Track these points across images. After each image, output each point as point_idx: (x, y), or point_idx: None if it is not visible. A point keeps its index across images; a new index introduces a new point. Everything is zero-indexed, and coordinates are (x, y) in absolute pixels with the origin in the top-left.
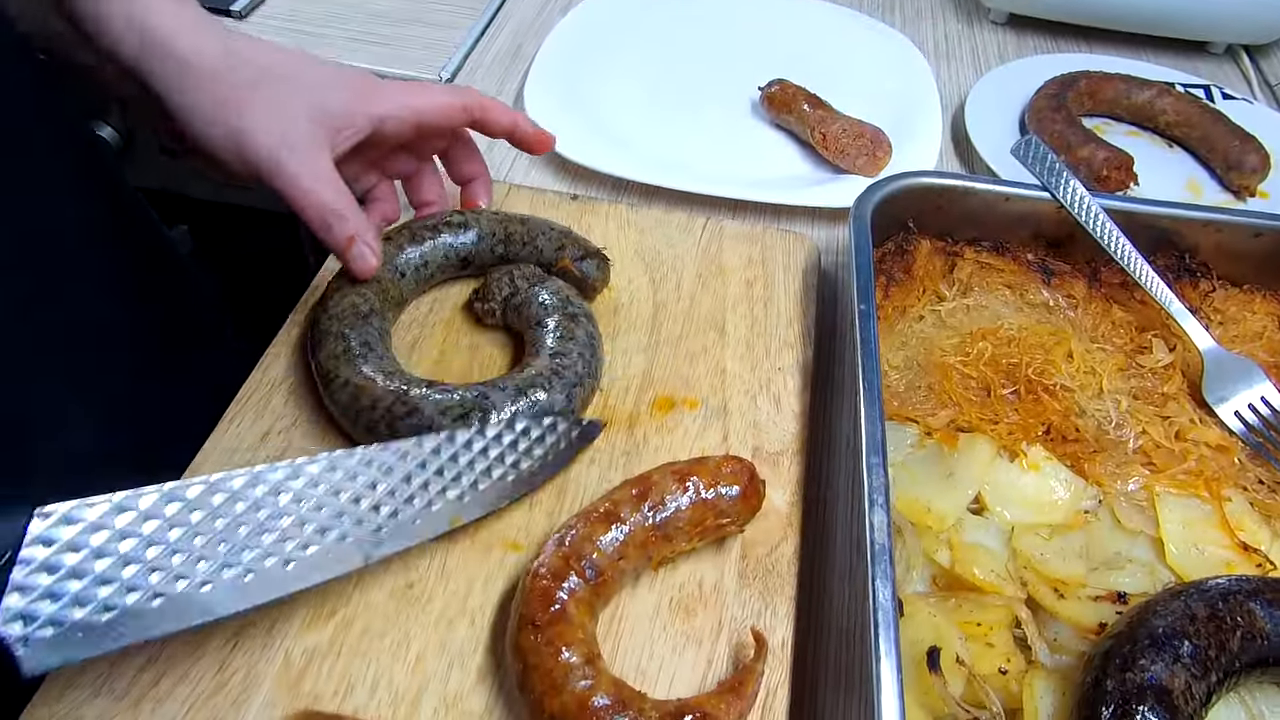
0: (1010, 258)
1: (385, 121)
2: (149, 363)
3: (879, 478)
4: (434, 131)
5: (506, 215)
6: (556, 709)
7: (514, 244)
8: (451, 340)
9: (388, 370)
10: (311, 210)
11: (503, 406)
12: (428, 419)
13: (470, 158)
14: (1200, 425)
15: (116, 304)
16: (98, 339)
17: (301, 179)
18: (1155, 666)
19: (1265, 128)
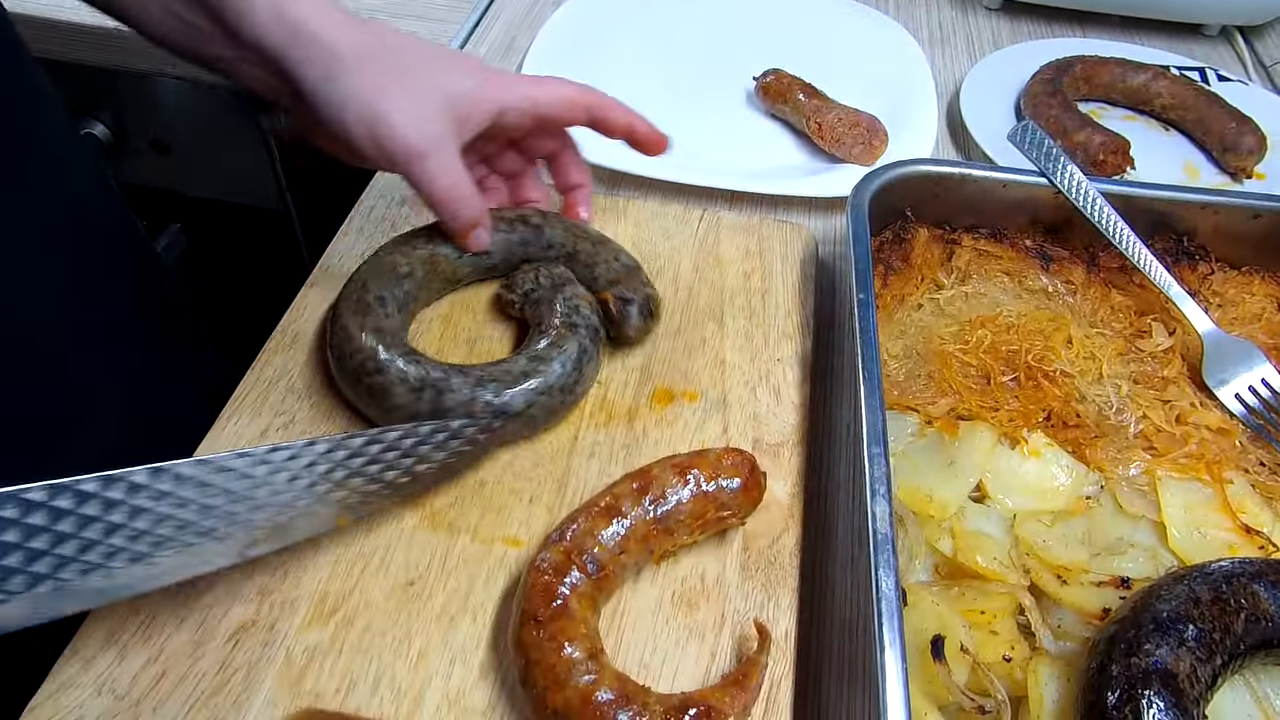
0: (1008, 244)
1: (507, 112)
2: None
3: (880, 467)
4: (550, 127)
5: (583, 231)
6: (560, 704)
7: (577, 262)
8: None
9: (379, 328)
10: (439, 195)
11: (459, 390)
12: (389, 381)
13: (576, 165)
14: (1201, 408)
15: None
16: (83, 339)
17: (434, 168)
18: (1160, 651)
19: (1261, 109)
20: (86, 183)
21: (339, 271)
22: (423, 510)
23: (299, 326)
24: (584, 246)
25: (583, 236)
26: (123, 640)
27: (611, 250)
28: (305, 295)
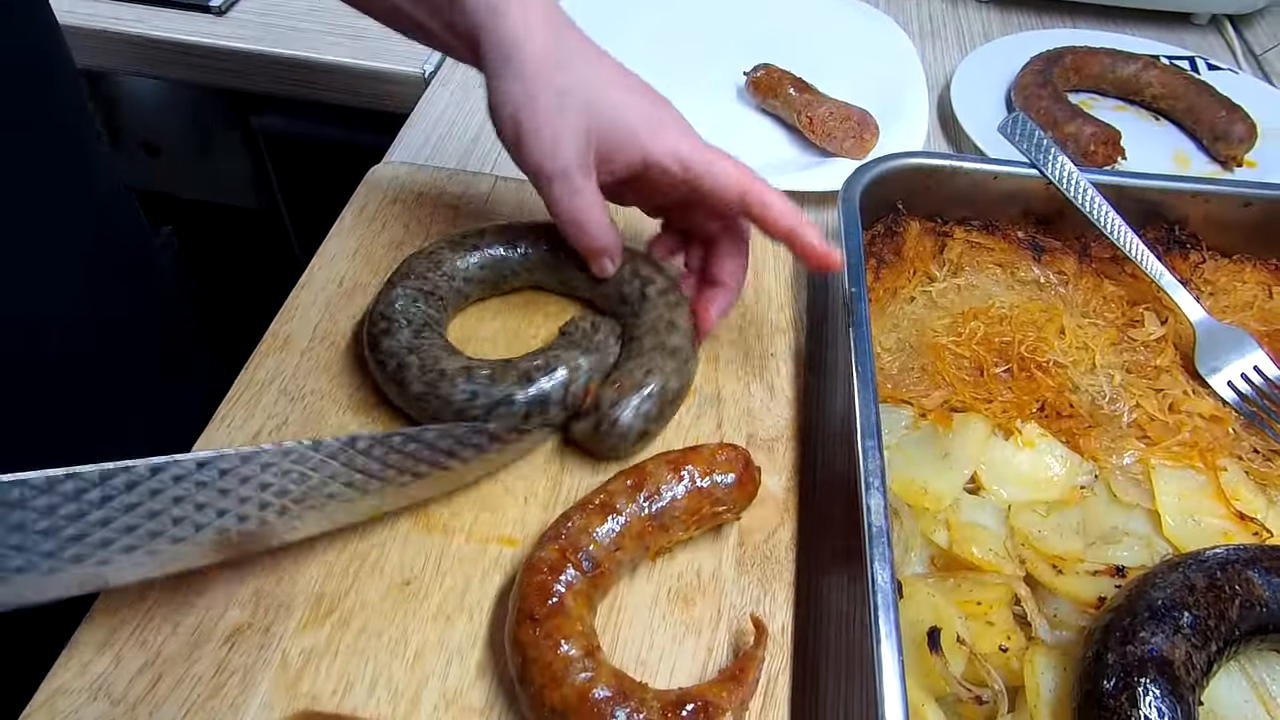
0: (1000, 236)
1: (652, 167)
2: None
3: (874, 460)
4: (704, 201)
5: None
6: (557, 702)
7: (626, 307)
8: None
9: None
10: (561, 217)
11: (455, 381)
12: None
13: (729, 261)
14: (1194, 396)
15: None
16: (90, 338)
17: (558, 192)
18: (1156, 638)
19: (1250, 97)
20: (109, 187)
21: (331, 272)
22: (417, 511)
23: (291, 328)
24: (644, 295)
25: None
26: (118, 644)
27: (667, 320)
28: (296, 296)
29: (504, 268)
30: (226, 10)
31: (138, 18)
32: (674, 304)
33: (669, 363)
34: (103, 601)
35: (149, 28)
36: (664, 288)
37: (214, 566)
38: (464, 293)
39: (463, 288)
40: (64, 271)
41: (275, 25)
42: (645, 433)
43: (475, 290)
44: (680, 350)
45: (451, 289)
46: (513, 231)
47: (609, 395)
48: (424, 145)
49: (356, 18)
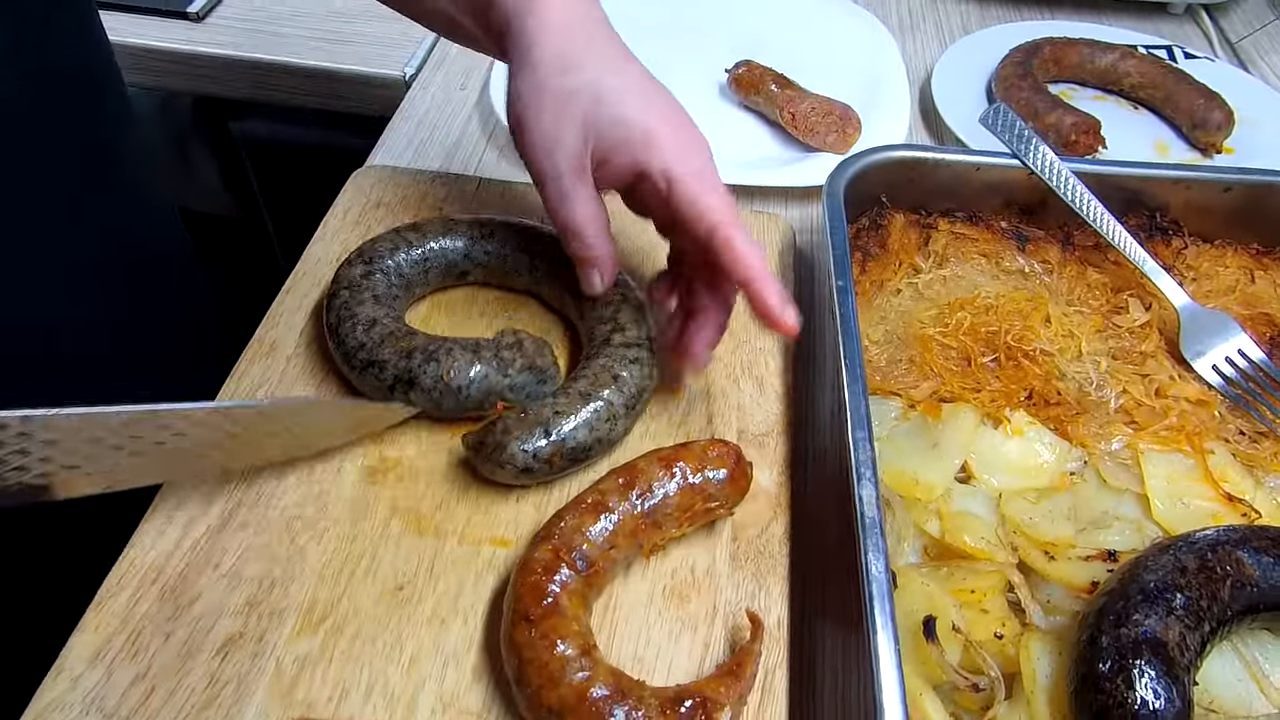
0: (984, 227)
1: (644, 179)
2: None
3: (865, 451)
4: (679, 223)
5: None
6: (555, 702)
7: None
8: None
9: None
10: (556, 222)
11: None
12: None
13: (714, 288)
14: (1179, 381)
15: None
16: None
17: (553, 194)
18: (1149, 620)
19: (1227, 85)
20: (149, 198)
21: (315, 277)
22: (408, 515)
23: (276, 334)
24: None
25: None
26: (109, 657)
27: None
28: (281, 302)
29: (509, 265)
30: (205, 16)
31: (113, 25)
32: (630, 360)
33: (587, 414)
34: (93, 614)
35: (125, 35)
36: (630, 341)
37: None
38: (460, 269)
39: (460, 263)
40: (82, 274)
41: (255, 30)
42: (528, 470)
43: (475, 272)
44: (608, 405)
45: (445, 260)
46: (530, 235)
47: (509, 420)
48: (406, 148)
49: (337, 22)
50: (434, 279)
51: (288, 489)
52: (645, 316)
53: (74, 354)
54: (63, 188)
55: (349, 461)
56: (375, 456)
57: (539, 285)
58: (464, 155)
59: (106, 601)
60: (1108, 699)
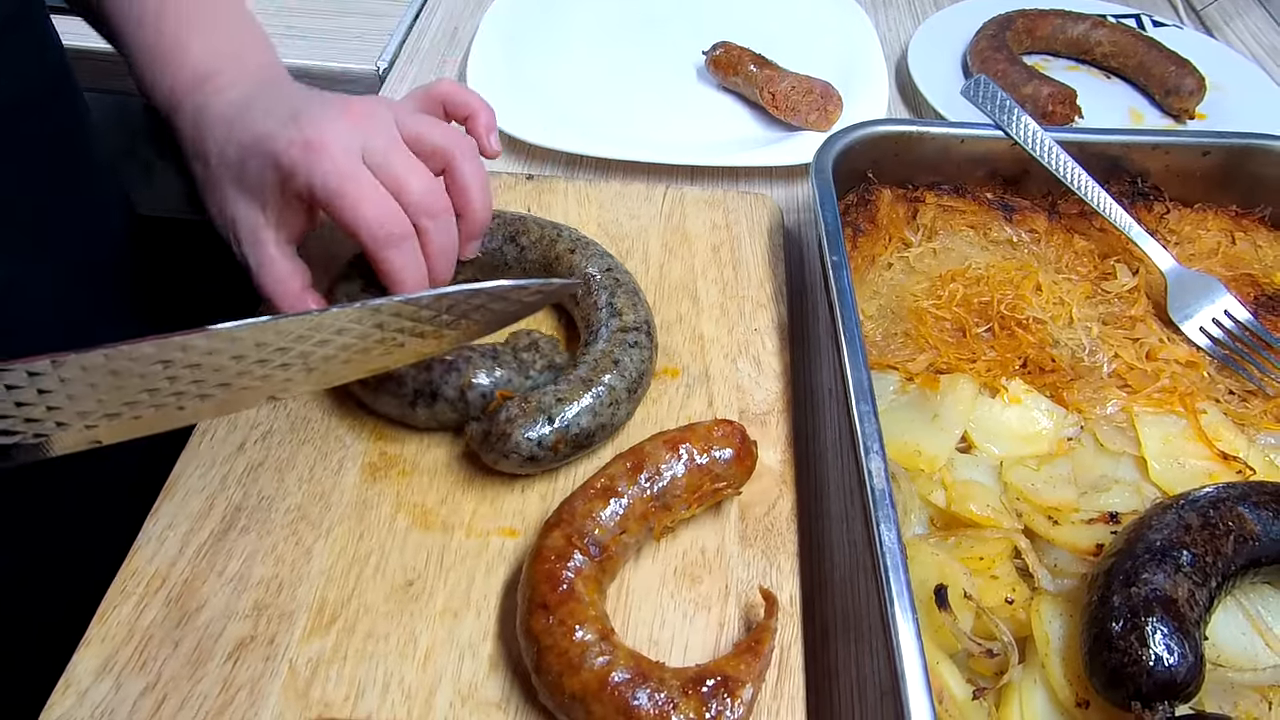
0: (970, 198)
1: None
2: None
3: (870, 424)
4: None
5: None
6: (576, 688)
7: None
8: None
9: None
10: (263, 293)
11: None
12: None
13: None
14: (1169, 344)
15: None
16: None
17: (245, 262)
18: (1158, 578)
19: (1195, 51)
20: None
21: None
22: (414, 510)
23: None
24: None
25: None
26: (117, 668)
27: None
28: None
29: (498, 258)
30: None
31: (74, 29)
32: (630, 344)
33: (589, 400)
34: (97, 626)
35: (87, 40)
36: (628, 325)
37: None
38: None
39: None
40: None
41: None
42: (533, 458)
43: (466, 269)
44: (610, 390)
45: None
46: (516, 224)
47: (512, 409)
48: None
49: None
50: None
51: (289, 490)
52: (640, 301)
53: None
54: (25, 199)
55: (350, 460)
56: (376, 453)
57: (529, 275)
58: None
59: (110, 613)
60: (1122, 657)
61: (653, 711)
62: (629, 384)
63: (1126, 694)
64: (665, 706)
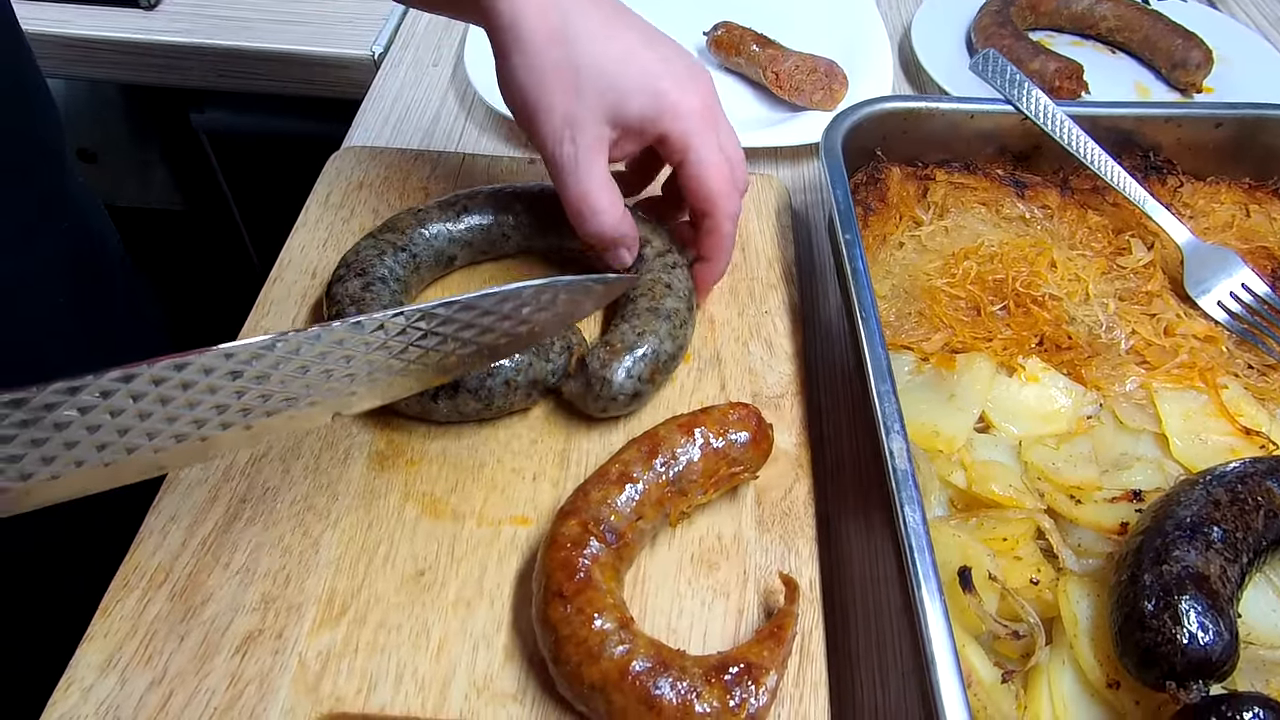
0: (981, 175)
1: (660, 145)
2: None
3: (890, 403)
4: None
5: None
6: (596, 678)
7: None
8: None
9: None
10: (572, 204)
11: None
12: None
13: (710, 234)
14: (1186, 319)
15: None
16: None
17: (570, 178)
18: (1189, 555)
19: (1200, 24)
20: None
21: (302, 264)
22: (423, 499)
23: (266, 324)
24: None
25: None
26: (122, 664)
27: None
28: (269, 292)
29: (495, 232)
30: (156, 4)
31: (61, 17)
32: (670, 265)
33: (662, 325)
34: (100, 621)
35: (74, 27)
36: (661, 250)
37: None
38: (448, 255)
39: (447, 249)
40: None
41: (210, 15)
42: (637, 394)
43: (463, 253)
44: (675, 313)
45: (433, 250)
46: (506, 196)
47: (601, 356)
48: (383, 127)
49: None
50: (426, 273)
51: (295, 480)
52: (663, 229)
53: (18, 361)
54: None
55: (356, 449)
56: (383, 442)
57: (530, 241)
58: (444, 131)
59: (114, 607)
60: (1155, 636)
61: (675, 701)
62: (686, 303)
63: (1160, 674)
64: (688, 695)
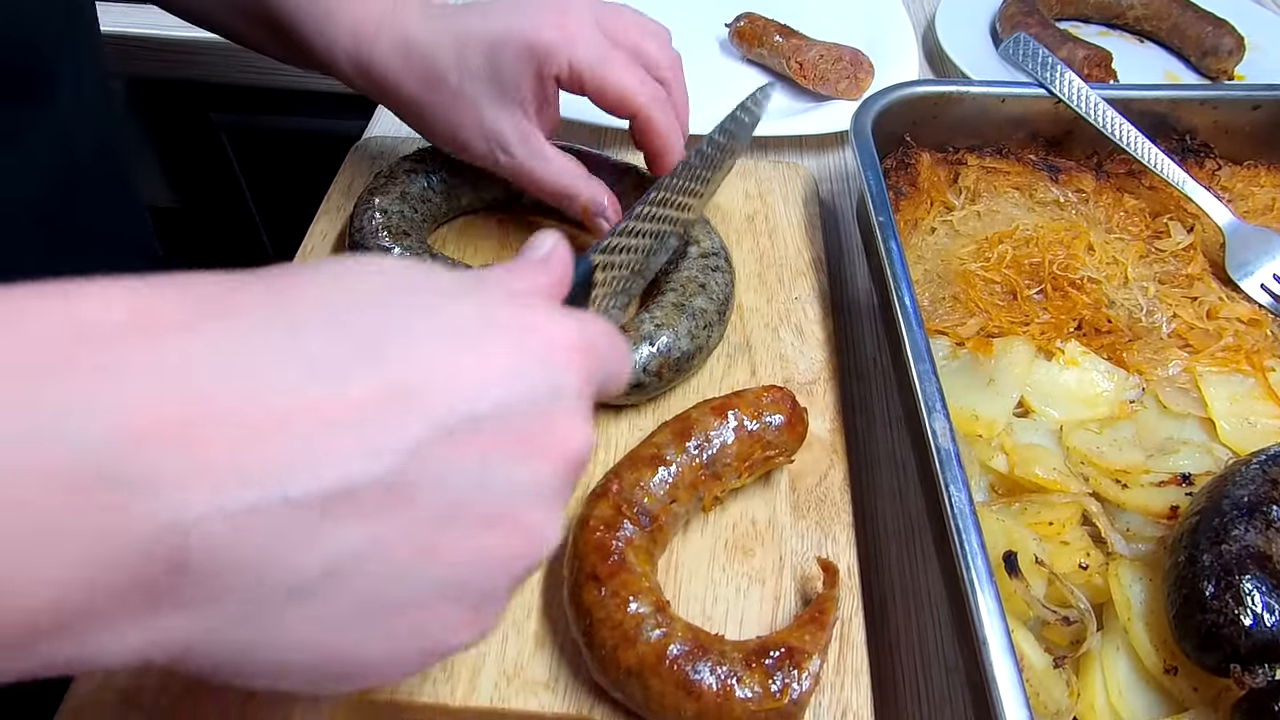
0: (1014, 159)
1: (561, 84)
2: None
3: (931, 383)
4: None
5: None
6: (633, 662)
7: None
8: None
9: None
10: (549, 197)
11: None
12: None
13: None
14: (1229, 302)
15: None
16: None
17: (530, 180)
18: (1249, 535)
19: (1226, 11)
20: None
21: (324, 250)
22: None
23: None
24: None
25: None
26: None
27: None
28: None
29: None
30: None
31: None
32: (711, 268)
33: (684, 323)
34: None
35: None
36: (707, 250)
37: None
38: (445, 209)
39: (440, 202)
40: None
41: None
42: (640, 385)
43: (489, 192)
44: (701, 314)
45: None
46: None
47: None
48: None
49: None
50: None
51: None
52: (712, 230)
53: None
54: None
55: None
56: None
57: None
58: None
59: None
60: (1217, 618)
61: (715, 686)
62: (718, 305)
63: (1223, 657)
64: (728, 680)
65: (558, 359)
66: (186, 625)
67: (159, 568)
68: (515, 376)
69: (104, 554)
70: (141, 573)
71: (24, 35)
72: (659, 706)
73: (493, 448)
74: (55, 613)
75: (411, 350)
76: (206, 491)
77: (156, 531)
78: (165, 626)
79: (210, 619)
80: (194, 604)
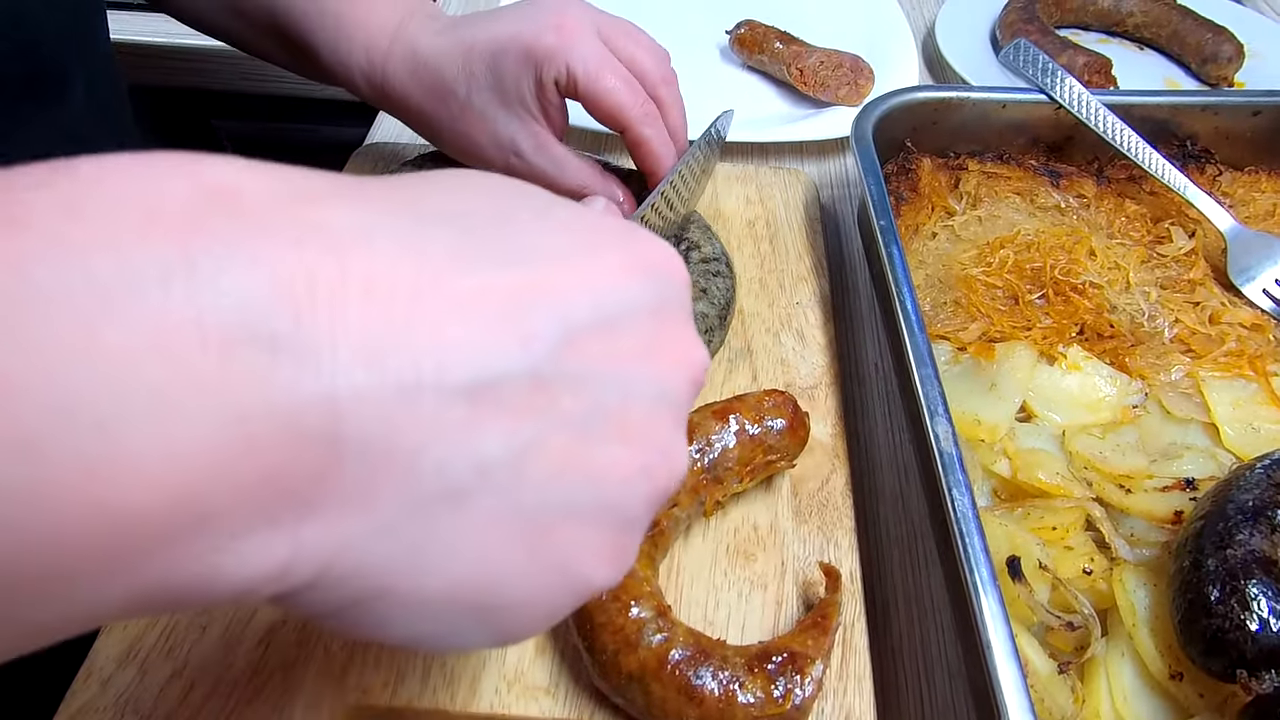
0: (1014, 165)
1: (560, 87)
2: None
3: (933, 387)
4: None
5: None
6: (634, 667)
7: None
8: None
9: None
10: (562, 192)
11: None
12: None
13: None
14: (1232, 307)
15: None
16: None
17: (547, 183)
18: (1254, 539)
19: (1224, 18)
20: None
21: None
22: None
23: None
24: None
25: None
26: (141, 655)
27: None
28: None
29: None
30: None
31: None
32: (712, 273)
33: None
34: None
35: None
36: (708, 256)
37: None
38: None
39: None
40: None
41: None
42: None
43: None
44: (703, 318)
45: None
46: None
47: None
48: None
49: None
50: None
51: None
52: (714, 235)
53: None
54: None
55: None
56: None
57: None
58: None
59: None
60: (1222, 622)
61: (717, 691)
62: (719, 310)
63: (1229, 662)
64: (730, 685)
65: (664, 270)
66: (335, 530)
67: (309, 451)
68: (637, 280)
69: (253, 425)
70: (289, 455)
71: (28, 34)
72: (660, 712)
73: (628, 351)
74: (191, 499)
75: (540, 244)
76: (361, 365)
77: (306, 401)
78: (311, 531)
79: (362, 522)
80: (347, 502)
